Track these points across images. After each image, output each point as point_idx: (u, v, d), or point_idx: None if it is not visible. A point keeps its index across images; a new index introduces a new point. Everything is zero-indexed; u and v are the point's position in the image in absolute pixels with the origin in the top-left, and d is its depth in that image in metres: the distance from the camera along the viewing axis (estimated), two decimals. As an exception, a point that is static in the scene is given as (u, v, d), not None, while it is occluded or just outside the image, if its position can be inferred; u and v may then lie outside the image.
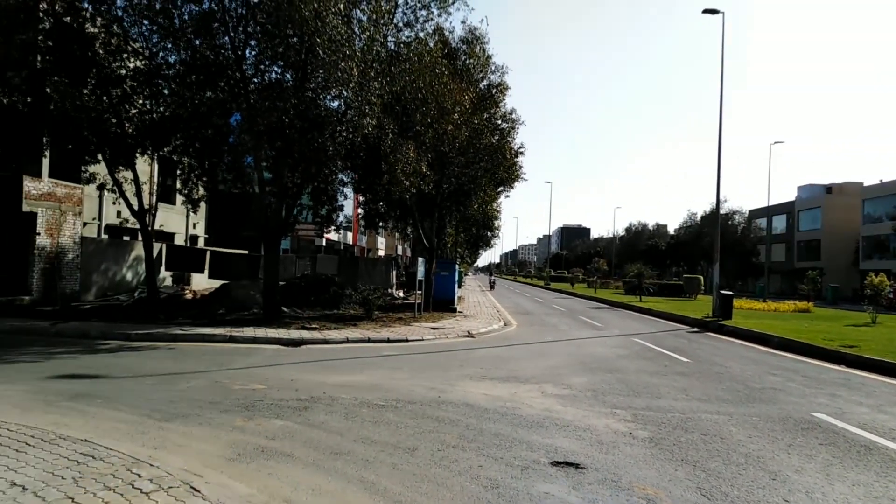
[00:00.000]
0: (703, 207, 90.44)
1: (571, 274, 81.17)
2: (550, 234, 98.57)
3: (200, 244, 30.82)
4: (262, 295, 17.66)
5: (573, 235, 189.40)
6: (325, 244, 46.36)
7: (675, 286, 46.23)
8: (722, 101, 23.73)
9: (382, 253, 70.28)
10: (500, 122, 23.97)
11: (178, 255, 25.00)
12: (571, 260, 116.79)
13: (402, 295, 30.99)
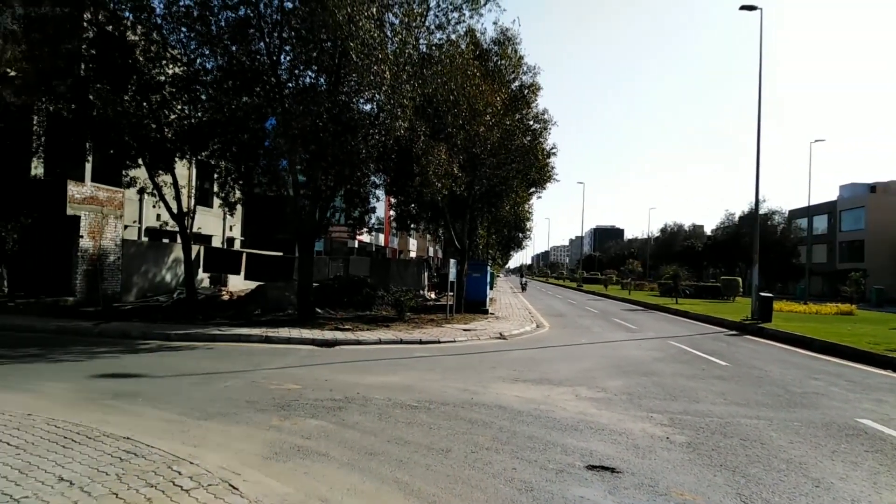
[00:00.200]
0: (741, 207, 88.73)
1: (604, 276, 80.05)
2: (583, 234, 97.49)
3: (237, 246, 31.48)
4: (296, 296, 17.91)
5: (606, 236, 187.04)
6: (357, 246, 46.79)
7: (712, 288, 45.22)
8: (760, 98, 23.08)
9: (414, 255, 70.64)
10: (531, 122, 23.77)
11: (215, 256, 25.60)
12: (604, 261, 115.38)
13: (433, 297, 31.03)
